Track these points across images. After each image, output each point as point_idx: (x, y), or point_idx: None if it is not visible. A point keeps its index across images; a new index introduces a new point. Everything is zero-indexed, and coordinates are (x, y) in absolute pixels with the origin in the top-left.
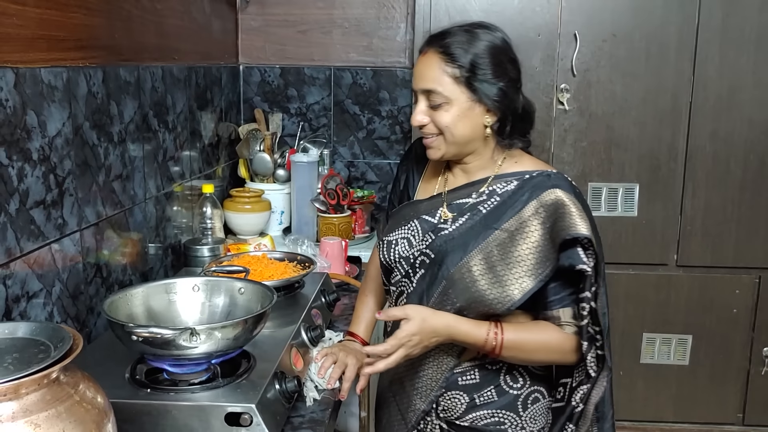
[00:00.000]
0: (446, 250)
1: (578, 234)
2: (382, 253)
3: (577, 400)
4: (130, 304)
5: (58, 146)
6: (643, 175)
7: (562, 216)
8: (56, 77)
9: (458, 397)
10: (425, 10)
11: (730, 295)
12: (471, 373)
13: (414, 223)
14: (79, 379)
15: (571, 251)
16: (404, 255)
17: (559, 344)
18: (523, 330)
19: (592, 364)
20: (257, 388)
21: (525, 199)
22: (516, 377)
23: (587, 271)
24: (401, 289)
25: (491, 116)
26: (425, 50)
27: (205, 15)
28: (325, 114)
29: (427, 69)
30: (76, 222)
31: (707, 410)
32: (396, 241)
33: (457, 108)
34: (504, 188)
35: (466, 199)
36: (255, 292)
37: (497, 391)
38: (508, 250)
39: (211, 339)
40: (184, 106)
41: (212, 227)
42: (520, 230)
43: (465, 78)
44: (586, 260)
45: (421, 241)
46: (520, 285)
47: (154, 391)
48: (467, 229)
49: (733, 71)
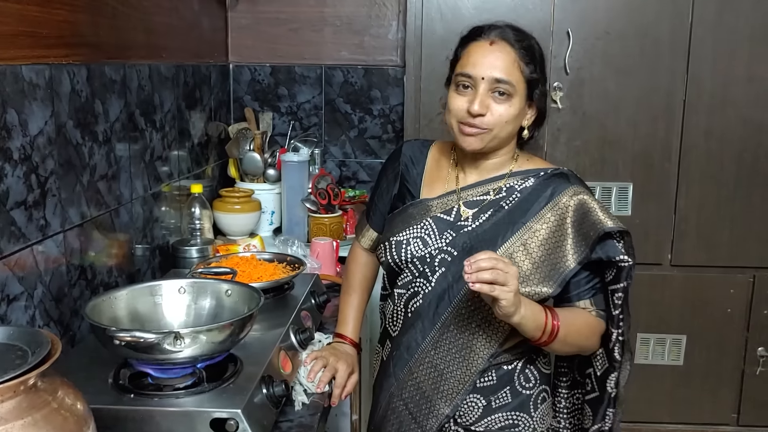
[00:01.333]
0: (472, 246)
1: (612, 228)
2: (389, 254)
3: (612, 386)
4: (114, 307)
5: (40, 145)
6: (636, 174)
7: (589, 212)
8: (38, 75)
9: (475, 400)
10: (417, 7)
11: (725, 294)
12: (489, 374)
13: (427, 221)
14: (57, 385)
15: (605, 244)
16: (419, 255)
17: (596, 327)
18: (566, 312)
19: (619, 349)
20: (244, 392)
21: (548, 195)
22: (528, 376)
23: (627, 261)
24: (414, 290)
25: (530, 117)
26: (494, 40)
27: (193, 12)
28: (316, 113)
29: (502, 59)
30: (59, 223)
31: (702, 411)
32: (407, 240)
33: (517, 104)
34: (522, 185)
35: (483, 196)
36: (242, 295)
37: (511, 393)
38: (535, 246)
39: (196, 343)
40: (172, 105)
41: (201, 228)
42: (545, 226)
43: (532, 78)
44: (623, 251)
45: (439, 239)
46: (551, 277)
47: (137, 396)
48: (492, 225)
49: (727, 68)
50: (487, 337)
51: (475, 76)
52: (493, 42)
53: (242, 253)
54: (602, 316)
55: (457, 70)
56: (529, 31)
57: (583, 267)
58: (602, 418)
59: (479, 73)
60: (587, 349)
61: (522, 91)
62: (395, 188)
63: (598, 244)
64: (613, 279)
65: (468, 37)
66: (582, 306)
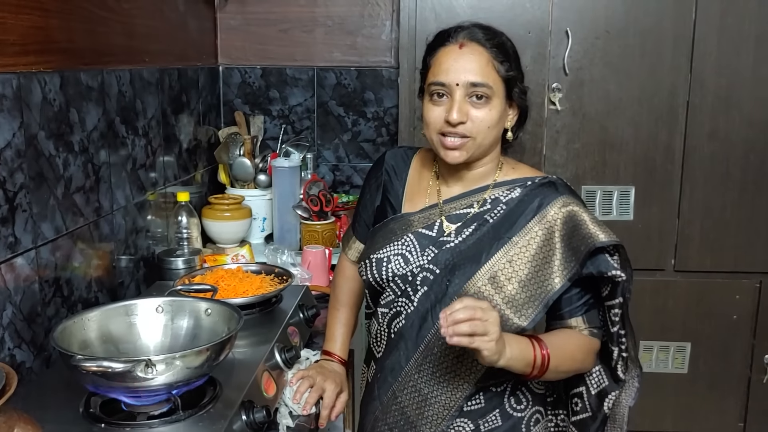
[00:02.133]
0: (455, 263)
1: (605, 242)
2: (370, 272)
3: (609, 406)
4: (86, 329)
5: (8, 159)
6: (638, 177)
7: (579, 225)
8: (4, 84)
9: (462, 425)
10: (411, 7)
11: (730, 300)
12: (476, 398)
13: (408, 237)
14: (14, 421)
15: (596, 258)
16: (400, 273)
17: (589, 347)
18: (554, 338)
19: (622, 367)
20: (221, 420)
21: (536, 207)
22: (519, 398)
23: (620, 277)
24: (397, 310)
25: (512, 118)
26: (463, 42)
27: (179, 14)
28: (308, 116)
29: (474, 62)
30: (31, 239)
31: (707, 419)
32: (388, 257)
33: (497, 106)
34: (508, 196)
35: (466, 209)
36: (222, 314)
37: (501, 416)
38: (523, 261)
39: (170, 369)
40: (156, 111)
41: (189, 237)
42: (534, 240)
43: (509, 77)
44: (617, 266)
45: (421, 257)
46: (538, 296)
47: (108, 425)
48: (476, 240)
49: (732, 69)
50: (472, 360)
51: (449, 84)
52: (462, 45)
53: (229, 265)
54: (596, 334)
55: (429, 80)
56: (497, 28)
57: (575, 283)
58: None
59: (453, 80)
60: (583, 370)
61: (500, 92)
62: (378, 199)
63: (589, 259)
64: (608, 294)
65: (435, 43)
66: (574, 323)
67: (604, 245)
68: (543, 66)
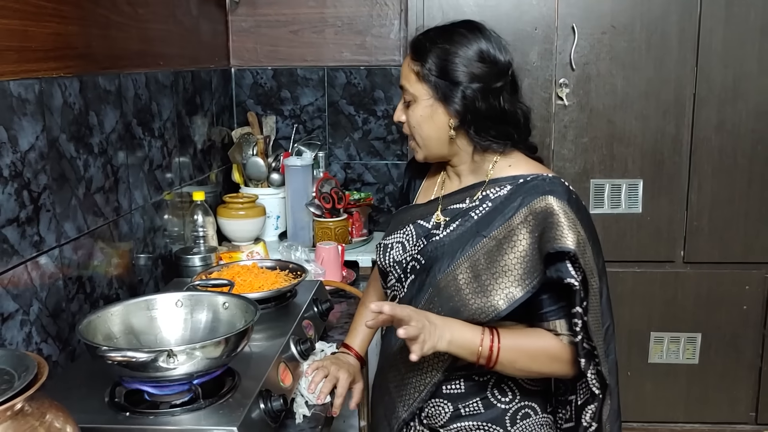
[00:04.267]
0: (435, 256)
1: (564, 248)
2: (378, 256)
3: (588, 420)
4: (109, 323)
5: (32, 161)
6: (646, 170)
7: (551, 226)
8: (27, 89)
9: (442, 405)
10: (418, 6)
11: (740, 291)
12: (456, 383)
13: (410, 227)
14: (45, 408)
15: (559, 264)
16: (398, 259)
17: (557, 353)
18: (518, 335)
19: (594, 381)
20: (240, 408)
21: (516, 206)
22: (505, 391)
23: (575, 286)
24: (394, 294)
25: (455, 118)
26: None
27: (192, 18)
28: (319, 115)
29: (404, 69)
30: (55, 238)
31: (719, 410)
32: (391, 244)
33: (420, 106)
34: (497, 193)
35: (460, 204)
36: (239, 307)
37: (484, 404)
38: (495, 259)
39: (191, 359)
40: (171, 113)
41: (204, 235)
42: (508, 238)
43: (425, 75)
44: (574, 274)
45: (414, 246)
46: (506, 295)
47: (133, 414)
48: (458, 235)
49: (738, 60)
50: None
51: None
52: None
53: (244, 261)
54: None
55: None
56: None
57: (551, 285)
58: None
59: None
60: (553, 374)
61: (422, 91)
62: (404, 190)
63: (551, 263)
64: (571, 303)
65: None
66: (552, 327)
67: (565, 251)
68: (550, 62)
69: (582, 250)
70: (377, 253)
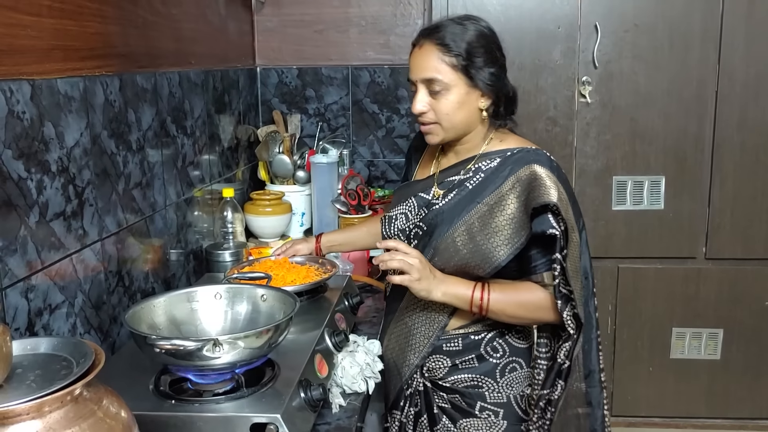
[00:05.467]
0: (436, 222)
1: (547, 201)
2: (384, 227)
3: (562, 357)
4: (152, 314)
5: (77, 157)
6: (669, 167)
7: (535, 187)
8: (73, 87)
9: (442, 360)
10: (442, 5)
11: (762, 287)
12: (455, 341)
13: (411, 200)
14: (102, 394)
15: (542, 217)
16: (401, 228)
17: (540, 301)
18: (507, 288)
19: (570, 322)
20: (282, 397)
21: (505, 174)
22: (496, 348)
23: (556, 235)
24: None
25: (485, 100)
26: (421, 43)
27: (220, 18)
28: (343, 114)
29: (425, 60)
30: (97, 232)
31: (741, 405)
32: (395, 216)
33: (456, 95)
34: (488, 165)
35: (454, 176)
36: (277, 299)
37: (478, 359)
38: (487, 222)
39: (234, 349)
40: (202, 111)
41: (233, 231)
42: (498, 203)
43: (462, 66)
44: (556, 225)
45: (416, 216)
46: (497, 252)
47: (178, 402)
48: (455, 203)
49: (760, 58)
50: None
51: (413, 80)
52: (420, 45)
53: (274, 256)
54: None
55: None
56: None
57: (537, 242)
58: (550, 386)
59: (413, 77)
60: (540, 321)
61: (458, 81)
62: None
63: (536, 218)
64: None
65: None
66: (540, 279)
67: (546, 204)
68: (573, 60)
69: (564, 207)
70: (383, 225)
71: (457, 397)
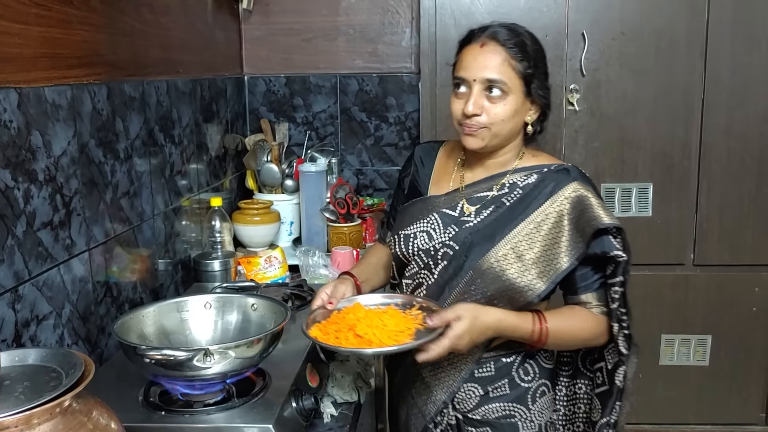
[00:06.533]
0: (472, 241)
1: (607, 224)
2: (398, 246)
3: (621, 380)
4: (142, 324)
5: (64, 165)
6: (656, 174)
7: (587, 208)
8: (60, 95)
9: (473, 389)
10: (430, 14)
11: (750, 293)
12: (487, 366)
13: (433, 216)
14: (91, 405)
15: (601, 239)
16: (424, 247)
17: (594, 327)
18: (562, 317)
19: (623, 343)
20: (274, 407)
21: (549, 192)
22: (528, 370)
23: (622, 257)
24: (419, 281)
25: (533, 113)
26: (483, 41)
27: (208, 26)
28: (332, 122)
29: (491, 60)
30: (85, 242)
31: (729, 411)
32: (414, 234)
33: (513, 102)
34: (525, 181)
35: (486, 192)
36: (268, 308)
37: (510, 385)
38: (535, 240)
39: (225, 359)
40: (189, 120)
41: (221, 241)
42: (545, 221)
43: (527, 74)
44: (619, 247)
45: (443, 234)
46: (549, 272)
47: (168, 413)
48: (492, 221)
49: (746, 66)
50: None
51: (467, 79)
52: (483, 44)
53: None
54: (605, 313)
55: (454, 74)
56: (524, 29)
57: (585, 262)
58: (610, 412)
59: (471, 76)
60: (592, 345)
61: (518, 88)
62: (407, 189)
63: (594, 240)
64: (611, 273)
65: (463, 41)
66: (584, 299)
67: (608, 227)
68: (560, 68)
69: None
70: (395, 243)
71: (488, 431)
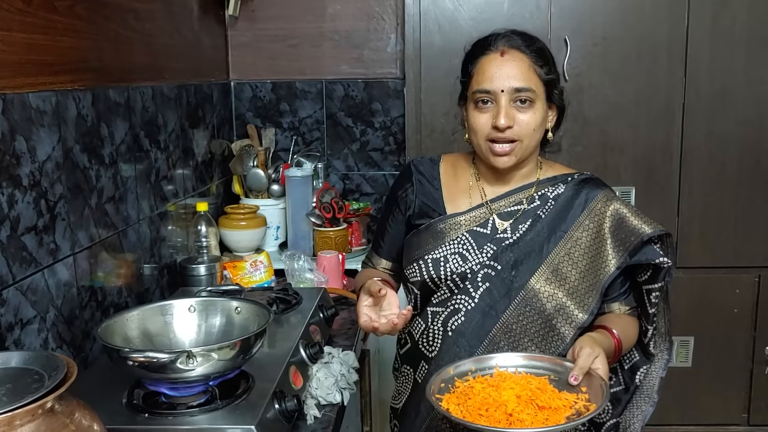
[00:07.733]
0: (516, 260)
1: (651, 234)
2: (426, 272)
3: (640, 379)
4: (126, 328)
5: (49, 171)
6: (638, 177)
7: (624, 218)
8: (45, 101)
9: None
10: (415, 20)
11: (731, 295)
12: None
13: (463, 236)
14: (74, 407)
15: (644, 250)
16: (458, 271)
17: (636, 330)
18: (620, 325)
19: (653, 344)
20: (257, 408)
21: (583, 202)
22: None
23: (667, 263)
24: (455, 308)
25: (552, 118)
26: (502, 50)
27: (194, 32)
28: (318, 127)
29: (516, 68)
30: (69, 246)
31: (712, 411)
32: (445, 257)
33: (540, 109)
34: (554, 192)
35: (516, 206)
36: (251, 311)
37: None
38: (580, 253)
39: (208, 361)
40: (175, 125)
41: (208, 245)
42: (586, 232)
43: (549, 79)
44: (662, 254)
45: (479, 254)
46: (595, 285)
47: (151, 415)
48: (533, 236)
49: (725, 71)
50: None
51: (494, 90)
52: (504, 52)
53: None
54: (635, 314)
55: (473, 88)
56: (525, 31)
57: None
58: (621, 413)
59: (498, 87)
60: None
61: (542, 94)
62: (412, 209)
63: (639, 251)
64: (649, 279)
65: (475, 52)
66: (615, 307)
67: (651, 236)
68: None
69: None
70: (421, 269)
71: None
